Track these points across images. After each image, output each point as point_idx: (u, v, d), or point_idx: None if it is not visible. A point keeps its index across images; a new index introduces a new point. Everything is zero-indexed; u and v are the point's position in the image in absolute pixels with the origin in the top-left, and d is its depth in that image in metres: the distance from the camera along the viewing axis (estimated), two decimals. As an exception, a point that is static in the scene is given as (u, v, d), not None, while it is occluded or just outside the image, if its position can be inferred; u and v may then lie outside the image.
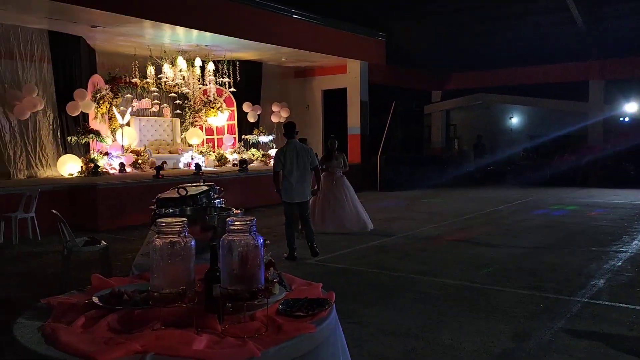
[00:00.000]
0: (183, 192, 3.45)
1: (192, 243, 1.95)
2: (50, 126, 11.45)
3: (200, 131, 14.66)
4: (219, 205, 3.46)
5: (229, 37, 12.38)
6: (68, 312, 2.02)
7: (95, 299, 2.09)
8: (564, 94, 19.09)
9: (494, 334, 4.31)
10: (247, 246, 1.94)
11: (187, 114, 14.52)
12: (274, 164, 7.28)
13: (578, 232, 8.98)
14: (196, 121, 14.66)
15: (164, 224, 1.93)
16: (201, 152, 14.22)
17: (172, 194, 3.51)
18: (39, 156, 11.24)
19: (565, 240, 8.32)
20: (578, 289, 5.54)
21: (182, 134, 14.59)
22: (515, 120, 22.20)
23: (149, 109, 13.71)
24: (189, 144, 14.48)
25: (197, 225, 2.75)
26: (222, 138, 15.33)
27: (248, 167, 13.13)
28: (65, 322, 1.93)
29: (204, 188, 3.63)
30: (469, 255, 7.30)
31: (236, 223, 1.95)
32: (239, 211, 3.11)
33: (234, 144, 15.34)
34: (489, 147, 20.04)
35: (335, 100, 17.53)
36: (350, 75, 16.58)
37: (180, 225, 1.93)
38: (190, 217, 2.83)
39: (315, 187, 7.75)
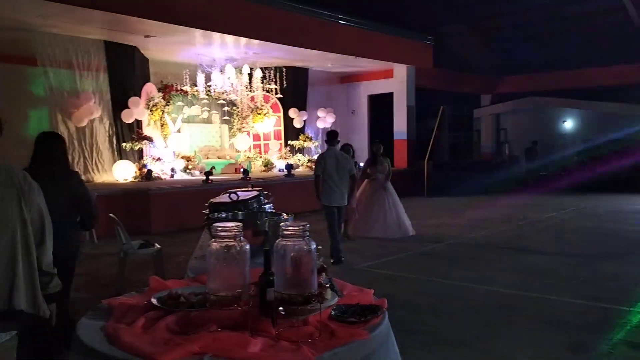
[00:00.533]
0: (234, 197, 3.51)
1: (247, 247, 1.98)
2: (106, 133, 11.87)
3: (247, 137, 14.88)
4: (269, 210, 3.50)
5: (276, 44, 12.54)
6: (128, 313, 2.08)
7: (154, 301, 2.15)
8: (619, 96, 18.37)
9: (550, 345, 4.17)
10: (300, 251, 1.95)
11: (235, 120, 14.77)
12: (314, 168, 7.55)
13: (638, 240, 8.59)
14: (243, 127, 14.88)
15: (220, 229, 1.96)
16: (248, 157, 14.42)
17: (223, 198, 3.57)
18: (95, 162, 11.67)
19: (624, 248, 7.98)
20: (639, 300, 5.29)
21: (230, 140, 14.85)
22: (568, 124, 21.49)
23: (198, 115, 14.02)
24: (236, 149, 14.71)
25: (249, 230, 2.79)
26: (268, 144, 15.51)
27: (294, 173, 13.23)
28: (125, 322, 1.99)
29: (255, 193, 3.68)
30: (522, 263, 7.10)
31: (290, 228, 1.97)
32: (289, 216, 3.14)
33: (280, 150, 15.49)
34: (541, 152, 19.46)
35: (381, 105, 17.45)
36: (396, 80, 16.47)
37: (235, 229, 1.96)
38: (241, 221, 2.88)
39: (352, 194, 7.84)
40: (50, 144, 3.90)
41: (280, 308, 1.94)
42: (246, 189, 5.03)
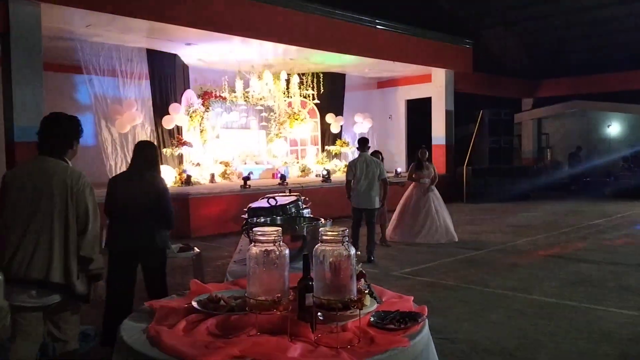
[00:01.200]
0: (273, 202, 3.53)
1: (287, 252, 1.99)
2: (148, 138, 12.13)
3: (284, 142, 14.98)
4: (307, 215, 3.50)
5: (314, 50, 12.60)
6: (169, 316, 2.11)
7: (194, 304, 2.18)
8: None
9: (596, 356, 4.03)
10: (339, 256, 1.95)
11: (272, 126, 14.89)
12: (347, 173, 8.00)
13: (689, 249, 8.24)
14: (281, 133, 14.99)
15: (259, 233, 1.97)
16: (285, 162, 14.51)
17: (262, 203, 3.60)
18: (137, 167, 11.92)
19: (674, 257, 7.66)
20: (692, 312, 5.07)
21: (267, 145, 14.98)
22: (613, 129, 20.80)
23: (236, 121, 14.20)
24: (273, 155, 14.82)
25: (287, 235, 2.80)
26: (305, 149, 15.58)
27: (331, 178, 13.24)
28: (167, 325, 2.02)
29: (293, 198, 3.70)
30: (566, 271, 6.89)
31: (329, 233, 1.97)
32: (327, 221, 3.13)
33: (317, 155, 15.53)
34: (585, 157, 18.90)
35: (419, 109, 17.28)
36: (435, 84, 16.29)
37: (275, 234, 1.97)
38: (280, 226, 2.89)
39: (383, 198, 7.99)
40: (142, 150, 4.50)
41: (319, 313, 1.93)
42: (284, 194, 5.06)
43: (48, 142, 3.23)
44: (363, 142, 8.08)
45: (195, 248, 6.14)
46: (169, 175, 11.75)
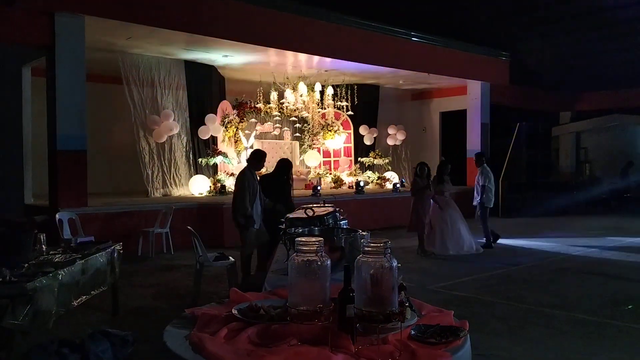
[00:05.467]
0: (310, 213, 3.54)
1: (328, 262, 1.99)
2: (184, 148, 12.35)
3: (318, 153, 15.02)
4: (344, 227, 3.50)
5: (348, 62, 12.65)
6: (210, 323, 2.13)
7: (234, 312, 2.19)
8: None
9: (640, 379, 3.89)
10: (381, 268, 1.94)
11: (306, 137, 14.96)
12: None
13: None
14: (314, 144, 15.04)
15: (302, 243, 1.98)
16: (318, 174, 14.54)
17: (300, 214, 3.62)
18: (173, 176, 12.15)
19: None
20: None
21: (300, 156, 15.04)
22: (656, 143, 20.17)
23: (270, 132, 14.32)
24: (307, 165, 14.88)
25: (325, 246, 2.80)
26: (338, 160, 15.58)
27: (364, 190, 13.20)
28: (208, 332, 2.04)
29: (330, 209, 3.70)
30: (606, 289, 6.69)
31: (371, 244, 1.96)
32: (365, 233, 3.12)
33: (350, 166, 15.52)
34: (625, 172, 18.34)
35: (453, 122, 17.11)
36: (470, 97, 16.13)
37: (317, 244, 1.98)
38: (318, 237, 2.89)
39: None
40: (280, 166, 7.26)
41: (358, 325, 1.92)
42: (319, 205, 5.07)
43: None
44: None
45: (230, 257, 6.19)
46: (203, 184, 11.93)
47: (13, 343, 3.55)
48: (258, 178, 6.69)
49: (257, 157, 6.74)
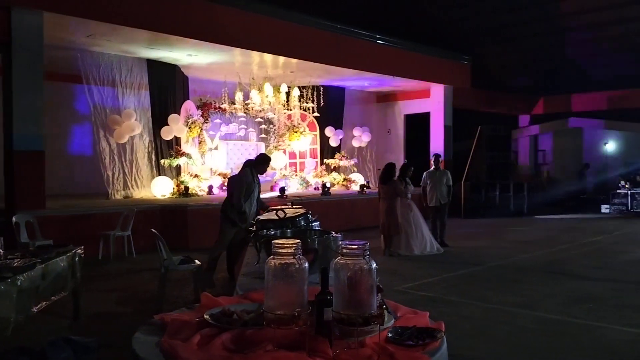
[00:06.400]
0: (282, 215, 3.49)
1: (306, 265, 1.94)
2: (146, 149, 12.07)
3: (283, 155, 14.96)
4: (317, 229, 3.46)
5: (314, 63, 12.64)
6: (182, 329, 2.06)
7: (207, 317, 2.12)
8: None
9: (603, 375, 3.99)
10: (360, 270, 1.91)
11: (272, 138, 14.87)
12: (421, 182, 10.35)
13: (689, 267, 8.23)
14: (280, 145, 14.97)
15: (279, 246, 1.93)
16: (284, 175, 14.48)
17: (271, 215, 3.56)
18: (134, 177, 11.85)
19: (675, 275, 7.64)
20: (696, 330, 5.03)
21: (266, 158, 14.93)
22: (610, 146, 20.92)
23: (236, 133, 14.18)
24: (272, 167, 14.78)
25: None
26: (304, 162, 15.56)
27: (330, 191, 13.21)
28: (180, 338, 1.96)
29: (302, 211, 3.66)
30: (567, 288, 6.86)
31: (349, 246, 1.93)
32: (338, 234, 3.10)
33: (315, 168, 15.51)
34: (582, 174, 18.94)
35: (417, 124, 17.33)
36: (433, 100, 16.37)
37: (295, 247, 1.93)
38: (290, 239, 2.85)
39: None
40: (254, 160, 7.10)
41: (336, 331, 1.89)
42: (287, 207, 5.02)
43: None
44: (436, 158, 10.57)
45: (196, 260, 6.08)
46: (166, 186, 11.70)
47: (-33, 353, 3.38)
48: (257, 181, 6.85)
49: (263, 161, 7.02)
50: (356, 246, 1.91)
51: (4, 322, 3.55)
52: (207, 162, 13.04)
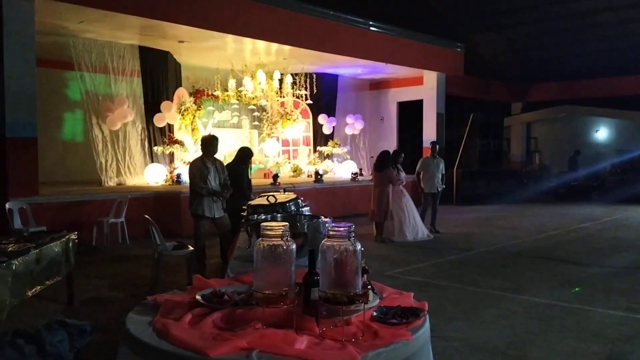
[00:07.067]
0: (272, 200, 3.56)
1: (294, 247, 2.01)
2: (139, 136, 12.06)
3: (276, 142, 14.98)
4: (307, 213, 3.53)
5: (307, 50, 12.63)
6: (174, 309, 2.13)
7: (198, 297, 2.20)
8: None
9: (585, 355, 4.11)
10: (345, 252, 1.98)
11: (265, 126, 14.89)
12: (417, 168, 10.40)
13: (675, 252, 8.38)
14: (273, 133, 14.98)
15: (267, 228, 2.00)
16: (277, 163, 14.51)
17: (262, 201, 3.63)
18: (127, 165, 11.86)
19: (660, 260, 7.79)
20: (679, 313, 5.16)
21: (259, 145, 14.97)
22: (601, 134, 21.08)
23: (228, 120, 14.17)
24: (265, 154, 14.82)
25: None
26: (297, 149, 15.59)
27: (323, 179, 13.28)
28: (172, 318, 2.03)
29: (293, 196, 3.72)
30: (555, 273, 6.99)
31: (336, 229, 2.00)
32: (327, 219, 3.16)
33: (309, 155, 15.55)
34: (574, 162, 19.08)
35: (410, 112, 17.38)
36: (426, 87, 16.40)
37: (282, 229, 2.00)
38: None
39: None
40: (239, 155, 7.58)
41: (323, 310, 1.96)
42: (279, 193, 5.07)
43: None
44: (434, 145, 10.71)
45: (189, 246, 6.14)
46: (159, 173, 11.72)
47: (-36, 335, 3.43)
48: (218, 165, 6.65)
49: (204, 144, 6.72)
50: (342, 228, 1.98)
51: (0, 305, 3.61)
52: (200, 150, 13.02)
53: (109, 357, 3.52)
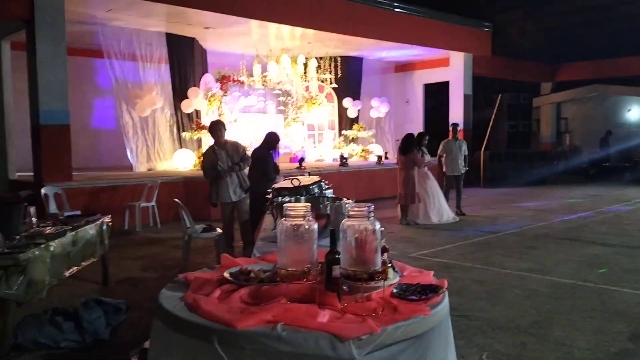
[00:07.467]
0: (296, 182, 3.65)
1: (315, 226, 2.11)
2: (167, 122, 12.30)
3: (302, 126, 15.06)
4: (330, 195, 3.61)
5: (332, 34, 12.61)
6: (204, 286, 2.25)
7: (226, 275, 2.31)
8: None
9: (609, 334, 4.12)
10: (365, 231, 2.06)
11: (290, 110, 14.97)
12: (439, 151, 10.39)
13: None
14: (298, 117, 15.07)
15: (290, 209, 2.10)
16: (302, 147, 14.61)
17: (286, 183, 3.72)
18: (157, 150, 12.13)
19: (692, 241, 7.66)
20: None
21: (285, 130, 15.08)
22: (634, 114, 20.55)
23: (254, 105, 14.31)
24: (291, 139, 14.93)
25: (311, 213, 2.92)
26: (322, 133, 15.65)
27: (348, 162, 13.34)
28: (202, 294, 2.15)
29: (316, 179, 3.81)
30: (582, 254, 6.95)
31: (356, 209, 2.08)
32: (350, 201, 3.24)
33: (334, 139, 15.60)
34: (606, 142, 18.68)
35: (436, 94, 17.23)
36: (453, 68, 16.22)
37: (305, 209, 2.09)
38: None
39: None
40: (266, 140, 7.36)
41: (345, 287, 2.05)
42: (303, 176, 5.17)
43: None
44: (454, 127, 10.55)
45: (218, 229, 6.30)
46: (188, 158, 11.94)
47: (8, 313, 3.64)
48: (229, 147, 6.56)
49: (210, 131, 6.68)
50: (362, 208, 2.06)
51: (40, 285, 3.81)
52: (226, 135, 13.19)
53: (143, 334, 3.70)
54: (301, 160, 12.68)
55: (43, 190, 8.08)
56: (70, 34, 9.62)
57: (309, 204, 2.14)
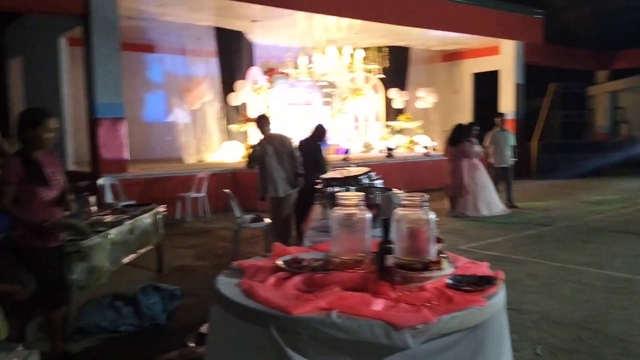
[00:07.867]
0: (346, 173, 3.66)
1: (368, 215, 2.12)
2: (216, 115, 12.53)
3: (347, 118, 15.01)
4: (379, 186, 3.61)
5: (378, 24, 12.50)
6: (258, 273, 2.29)
7: (279, 263, 2.35)
8: None
9: (670, 331, 3.96)
10: (419, 220, 2.06)
11: (336, 102, 14.94)
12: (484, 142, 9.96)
13: None
14: (343, 108, 15.02)
15: (343, 198, 2.12)
16: (349, 138, 14.58)
17: (335, 174, 3.74)
18: (206, 142, 12.39)
19: None
20: None
21: (331, 121, 15.06)
22: (696, 101, 19.50)
23: (300, 97, 14.36)
24: (336, 130, 14.90)
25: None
26: (368, 125, 15.56)
27: (394, 154, 13.23)
28: (257, 280, 2.20)
29: (365, 169, 3.81)
30: (639, 248, 6.68)
31: (409, 198, 2.08)
32: (400, 191, 3.24)
33: (380, 131, 15.49)
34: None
35: (486, 83, 16.82)
36: (503, 57, 15.79)
37: (357, 198, 2.11)
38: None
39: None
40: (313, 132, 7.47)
41: (398, 276, 2.05)
42: (352, 168, 5.18)
43: None
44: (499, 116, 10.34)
45: (266, 219, 6.39)
46: (236, 151, 12.12)
47: (71, 297, 3.82)
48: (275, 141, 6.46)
49: (256, 125, 6.64)
50: (416, 198, 2.05)
51: (100, 271, 3.97)
52: (274, 127, 13.31)
53: (197, 319, 3.81)
54: (347, 151, 12.66)
55: (100, 181, 8.39)
56: (123, 29, 9.90)
57: (362, 193, 2.15)
